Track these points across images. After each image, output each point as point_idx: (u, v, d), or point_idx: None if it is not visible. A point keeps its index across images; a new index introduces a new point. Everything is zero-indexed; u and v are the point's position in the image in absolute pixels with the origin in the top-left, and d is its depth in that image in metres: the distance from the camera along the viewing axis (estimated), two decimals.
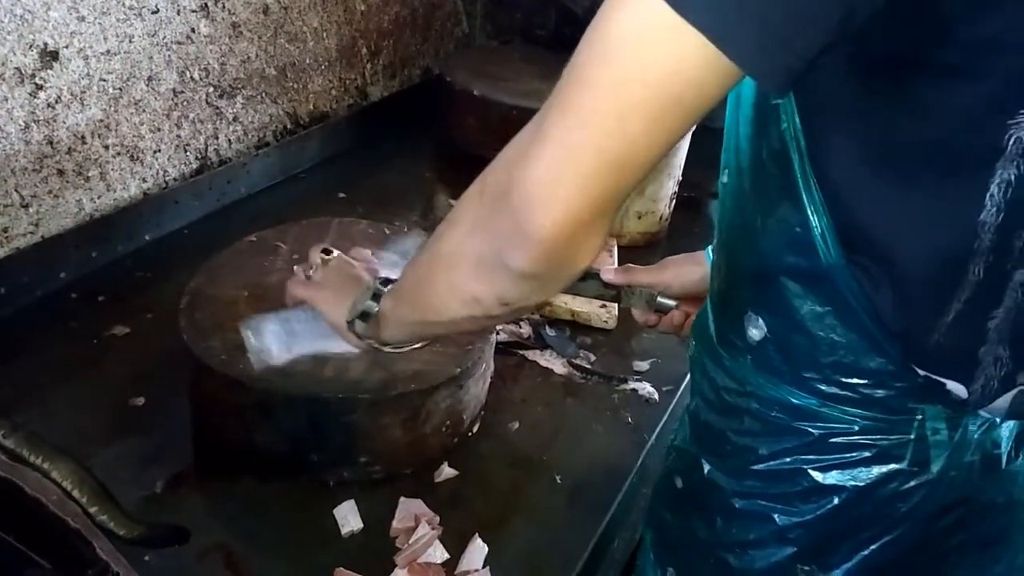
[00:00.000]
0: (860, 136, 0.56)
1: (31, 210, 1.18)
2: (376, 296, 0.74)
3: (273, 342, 0.85)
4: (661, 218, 1.51)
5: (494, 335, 1.05)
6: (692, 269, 0.89)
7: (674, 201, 1.52)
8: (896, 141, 0.54)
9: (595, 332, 1.25)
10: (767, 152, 0.60)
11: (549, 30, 2.00)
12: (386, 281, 0.76)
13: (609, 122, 0.47)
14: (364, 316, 0.75)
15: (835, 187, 0.57)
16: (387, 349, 0.80)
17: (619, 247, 1.40)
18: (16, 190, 1.15)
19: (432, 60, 1.99)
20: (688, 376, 1.13)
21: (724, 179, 0.67)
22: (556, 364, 1.18)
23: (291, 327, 0.86)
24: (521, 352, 1.19)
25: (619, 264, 1.24)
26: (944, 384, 0.61)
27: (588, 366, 1.19)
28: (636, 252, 1.43)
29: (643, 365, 1.20)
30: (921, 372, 0.61)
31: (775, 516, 0.68)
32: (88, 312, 1.16)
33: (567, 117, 0.49)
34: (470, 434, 1.04)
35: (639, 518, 1.03)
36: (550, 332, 1.23)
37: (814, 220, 0.58)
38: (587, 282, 0.92)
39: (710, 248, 0.89)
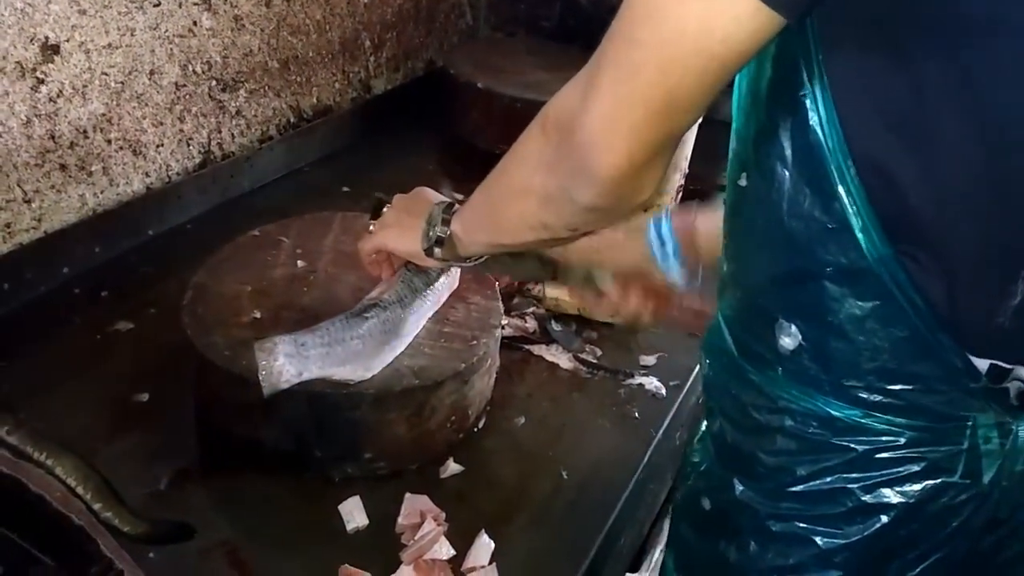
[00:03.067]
0: (900, 114, 0.53)
1: (34, 205, 1.17)
2: (445, 222, 0.80)
3: (285, 366, 0.85)
4: None
5: (499, 330, 1.04)
6: (630, 246, 0.90)
7: (680, 194, 1.50)
8: (935, 113, 0.52)
9: (601, 326, 1.24)
10: (794, 149, 0.57)
11: (554, 22, 1.99)
12: (449, 206, 0.81)
13: (654, 76, 0.52)
14: (439, 242, 0.81)
15: (875, 175, 0.55)
16: (468, 264, 0.86)
17: None
18: (18, 185, 1.14)
19: (436, 53, 1.98)
20: (696, 370, 1.13)
21: (743, 182, 0.63)
22: (562, 359, 1.18)
23: (305, 351, 0.86)
24: (527, 347, 1.19)
25: None
26: (1011, 371, 0.58)
27: (594, 361, 1.18)
28: None
29: (650, 359, 1.20)
30: (985, 361, 0.58)
31: (817, 539, 0.64)
32: (91, 307, 1.16)
33: (617, 70, 0.54)
34: (476, 429, 1.04)
35: (646, 514, 1.02)
36: (556, 327, 1.22)
37: (854, 212, 0.55)
38: (523, 260, 0.90)
39: (652, 223, 0.88)
